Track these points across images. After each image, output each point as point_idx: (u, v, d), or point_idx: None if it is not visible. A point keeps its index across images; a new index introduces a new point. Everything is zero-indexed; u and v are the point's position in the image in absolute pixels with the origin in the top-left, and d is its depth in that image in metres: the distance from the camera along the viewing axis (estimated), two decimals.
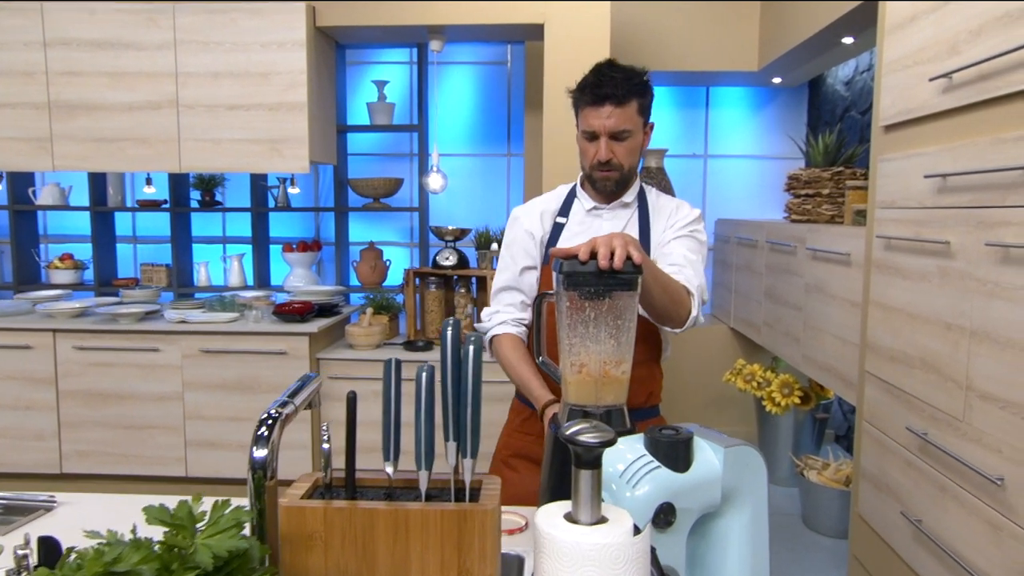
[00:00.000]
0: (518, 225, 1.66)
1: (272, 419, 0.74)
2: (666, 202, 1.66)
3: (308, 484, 0.85)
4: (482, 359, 0.74)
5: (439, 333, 3.52)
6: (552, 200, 1.69)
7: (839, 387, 2.61)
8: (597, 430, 0.70)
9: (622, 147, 1.54)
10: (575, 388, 1.16)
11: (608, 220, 1.62)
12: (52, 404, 3.21)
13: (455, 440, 0.73)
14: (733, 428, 4.27)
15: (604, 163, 1.53)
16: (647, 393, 1.59)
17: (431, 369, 0.74)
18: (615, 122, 1.51)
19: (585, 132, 1.55)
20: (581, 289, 1.11)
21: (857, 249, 2.43)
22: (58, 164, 3.23)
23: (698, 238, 1.60)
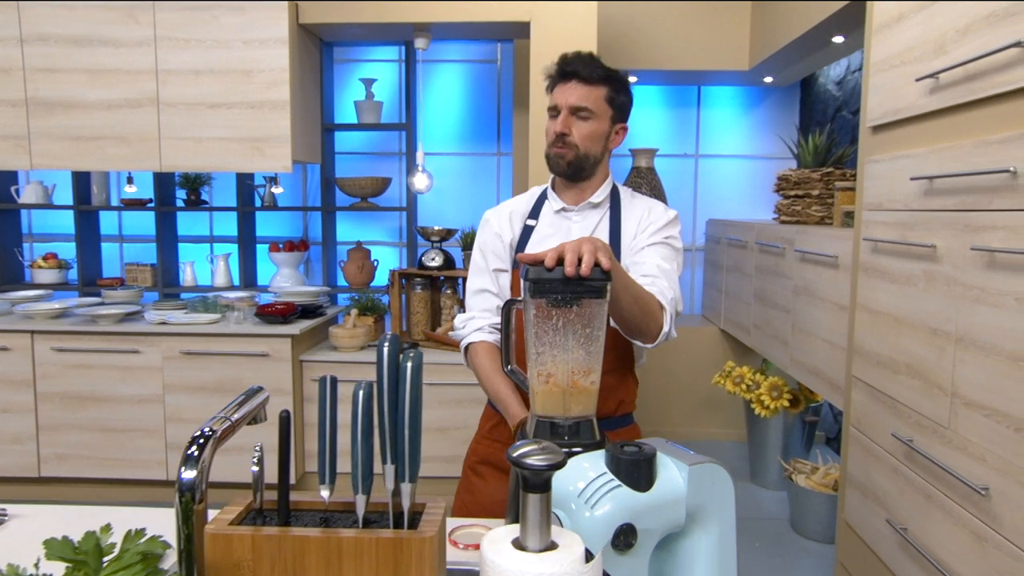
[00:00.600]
0: (488, 227, 1.61)
1: (205, 437, 0.69)
2: (639, 203, 1.61)
3: (240, 508, 0.80)
4: (421, 378, 0.70)
5: (424, 335, 3.49)
6: (523, 202, 1.65)
7: (827, 391, 2.57)
8: (546, 452, 0.66)
9: (582, 126, 1.50)
10: (542, 399, 1.12)
11: (577, 222, 1.57)
12: (30, 406, 3.16)
13: (393, 463, 0.69)
14: (722, 430, 4.24)
15: (559, 136, 1.48)
16: (617, 402, 1.54)
17: (368, 387, 0.70)
18: (577, 97, 1.48)
19: (550, 110, 1.52)
20: (547, 296, 1.07)
21: (845, 251, 2.39)
22: (36, 163, 3.17)
23: (673, 245, 1.54)
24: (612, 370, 1.51)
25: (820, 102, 4.19)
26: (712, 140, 4.59)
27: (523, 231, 1.59)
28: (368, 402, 0.70)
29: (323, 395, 0.72)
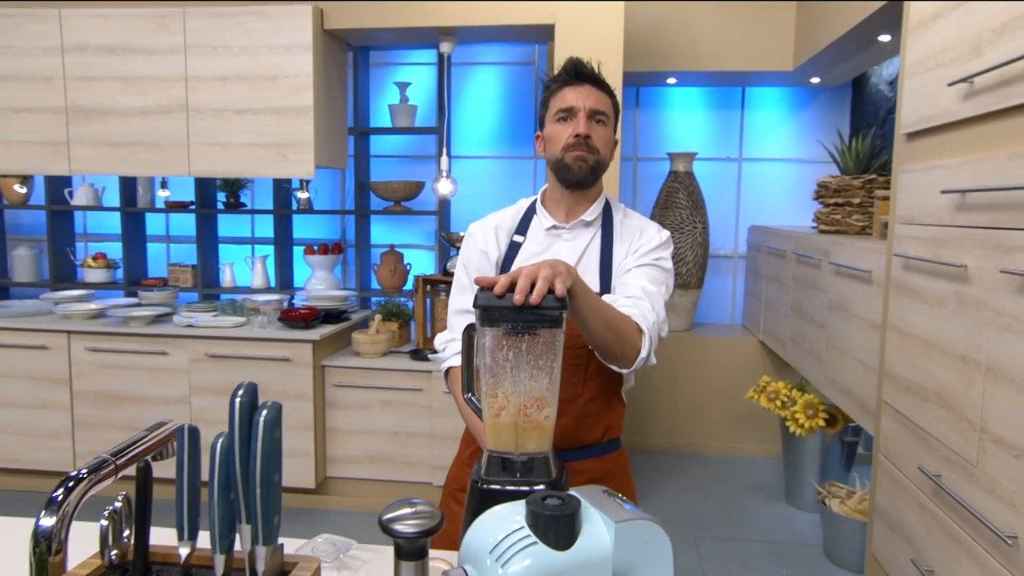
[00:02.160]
0: (473, 243, 1.54)
1: (76, 480, 0.66)
2: (633, 223, 1.52)
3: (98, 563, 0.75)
4: (276, 433, 0.64)
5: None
6: (509, 216, 1.57)
7: (858, 414, 2.42)
8: (418, 517, 0.59)
9: (600, 131, 1.43)
10: (493, 433, 1.05)
11: (568, 240, 1.49)
12: (66, 404, 3.26)
13: (248, 523, 0.64)
14: (759, 446, 4.07)
15: (581, 139, 1.40)
16: (604, 427, 1.46)
17: (229, 439, 0.65)
18: (595, 100, 1.41)
19: (560, 112, 1.42)
20: (497, 325, 1.01)
21: (878, 267, 2.24)
22: (74, 168, 3.27)
23: (662, 266, 1.45)
24: (598, 396, 1.44)
25: (872, 103, 3.97)
26: (757, 143, 4.41)
27: (509, 248, 1.52)
28: (228, 455, 0.65)
29: (180, 445, 0.67)
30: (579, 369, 1.42)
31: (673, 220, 4.09)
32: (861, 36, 3.03)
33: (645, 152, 4.47)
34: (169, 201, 4.05)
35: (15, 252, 4.18)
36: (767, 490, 3.60)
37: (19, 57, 3.23)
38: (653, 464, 3.94)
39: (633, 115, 4.45)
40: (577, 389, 1.42)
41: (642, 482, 3.69)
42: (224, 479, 0.64)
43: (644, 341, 1.27)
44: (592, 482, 1.45)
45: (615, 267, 1.45)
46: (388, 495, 3.24)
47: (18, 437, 3.31)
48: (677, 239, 4.09)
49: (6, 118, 3.28)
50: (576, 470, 1.43)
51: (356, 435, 3.21)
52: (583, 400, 1.43)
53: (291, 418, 3.13)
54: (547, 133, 1.46)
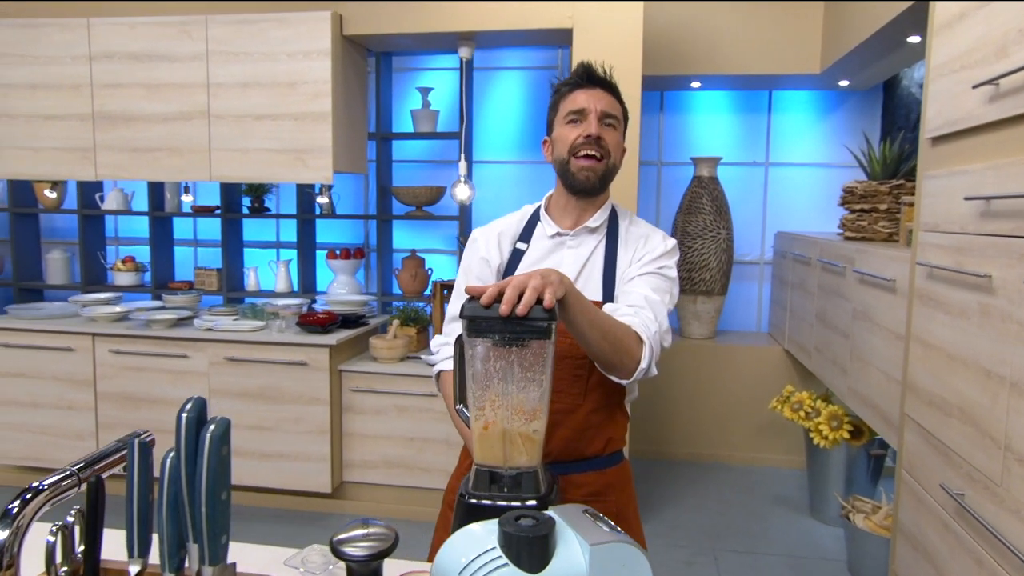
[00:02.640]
0: (475, 249, 1.52)
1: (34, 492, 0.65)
2: (638, 231, 1.48)
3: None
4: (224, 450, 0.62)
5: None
6: (513, 222, 1.54)
7: (881, 427, 2.34)
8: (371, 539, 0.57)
9: (611, 135, 1.40)
10: (481, 446, 1.03)
11: (572, 247, 1.46)
12: (91, 405, 3.32)
13: (195, 542, 0.62)
14: (784, 457, 3.98)
15: (593, 141, 1.37)
16: (605, 440, 1.42)
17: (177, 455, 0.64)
18: (607, 104, 1.39)
19: (570, 114, 1.39)
20: (484, 336, 0.98)
21: (902, 275, 2.17)
22: (100, 173, 3.34)
23: (666, 275, 1.41)
24: (599, 408, 1.40)
25: (903, 107, 3.86)
26: (784, 147, 4.32)
27: (512, 255, 1.49)
28: (176, 471, 0.64)
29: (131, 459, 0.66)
30: (580, 380, 1.39)
31: (696, 226, 4.03)
32: (889, 37, 2.94)
33: (669, 157, 4.42)
34: (195, 206, 4.11)
35: (49, 255, 4.28)
36: (790, 503, 3.51)
37: (49, 66, 3.30)
38: (674, 474, 3.87)
39: (657, 119, 4.40)
40: (578, 400, 1.39)
41: (662, 492, 3.63)
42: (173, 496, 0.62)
43: (644, 351, 1.24)
44: (592, 495, 1.42)
45: (619, 275, 1.42)
46: (404, 501, 3.23)
47: (44, 437, 3.38)
48: (700, 245, 4.02)
49: (36, 125, 3.36)
50: (576, 483, 1.40)
51: (372, 440, 3.21)
52: (584, 411, 1.39)
53: (307, 422, 3.14)
54: (555, 136, 1.44)
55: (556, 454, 1.39)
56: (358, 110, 3.43)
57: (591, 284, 1.42)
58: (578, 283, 1.43)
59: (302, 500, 3.28)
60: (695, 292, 4.07)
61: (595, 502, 1.40)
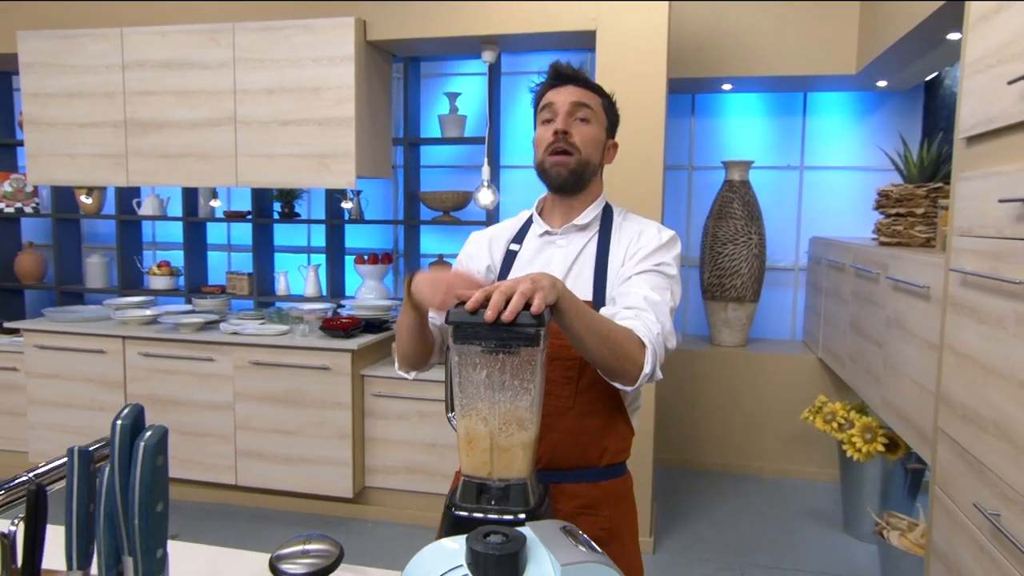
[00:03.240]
0: (465, 251, 1.52)
1: None
2: (631, 226, 1.43)
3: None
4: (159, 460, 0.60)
5: None
6: (509, 226, 1.53)
7: (915, 441, 2.23)
8: (310, 556, 0.54)
9: (582, 129, 1.37)
10: (467, 457, 0.99)
11: (562, 246, 1.42)
12: (121, 406, 3.36)
13: (130, 555, 0.60)
14: (819, 469, 3.85)
15: (561, 136, 1.35)
16: (601, 449, 1.37)
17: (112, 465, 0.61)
18: (577, 95, 1.36)
19: (543, 112, 1.38)
20: (469, 343, 0.95)
21: (936, 282, 2.07)
22: (132, 179, 3.40)
23: (665, 272, 1.34)
24: (592, 413, 1.35)
25: (945, 107, 3.72)
26: (819, 151, 4.20)
27: (506, 256, 1.47)
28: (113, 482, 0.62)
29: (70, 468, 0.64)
30: (570, 382, 1.34)
31: (727, 231, 3.94)
32: (928, 35, 2.83)
33: (700, 161, 4.33)
34: (227, 211, 4.17)
35: (89, 259, 4.39)
36: (823, 517, 3.39)
37: (84, 75, 3.39)
38: (702, 485, 3.78)
39: (688, 123, 4.32)
40: (567, 403, 1.34)
41: (690, 503, 3.54)
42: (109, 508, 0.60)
43: (647, 355, 1.18)
44: (583, 508, 1.37)
45: (611, 274, 1.37)
46: (425, 507, 3.21)
47: (77, 437, 3.45)
48: (731, 251, 3.93)
49: (73, 133, 3.44)
50: (567, 493, 1.35)
51: (395, 445, 3.20)
52: (574, 415, 1.34)
53: (330, 427, 3.14)
54: (535, 138, 1.42)
55: (546, 460, 1.35)
56: (382, 115, 3.44)
57: (581, 283, 1.39)
58: (567, 282, 1.39)
59: (324, 504, 3.29)
60: (726, 299, 3.98)
61: (586, 515, 1.35)
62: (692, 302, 4.41)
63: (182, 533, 3.07)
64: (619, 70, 2.87)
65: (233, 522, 3.23)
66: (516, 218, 1.54)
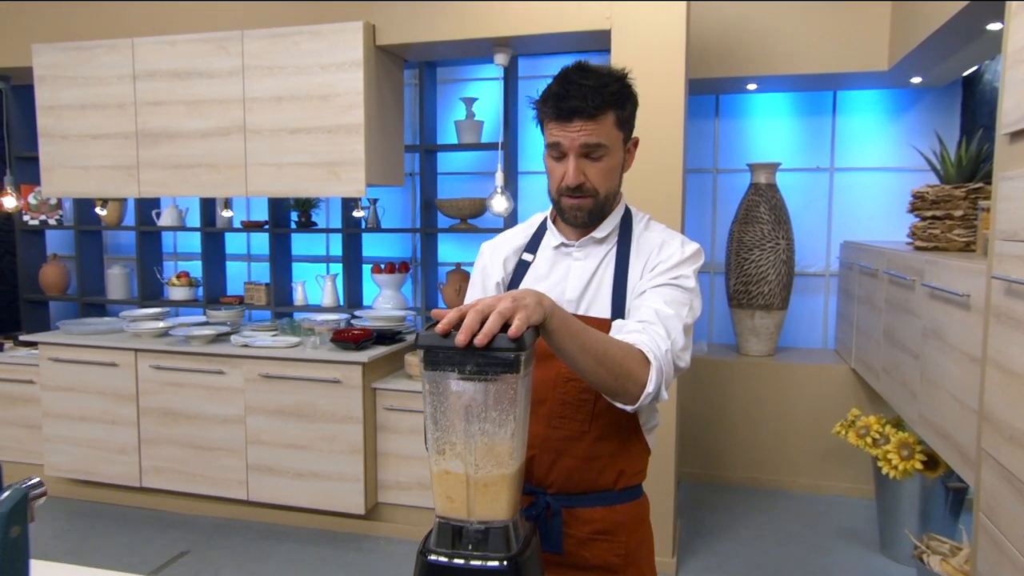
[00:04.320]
0: (479, 263, 1.42)
1: None
2: (652, 237, 1.33)
3: None
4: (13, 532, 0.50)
5: None
6: (520, 233, 1.41)
7: (956, 462, 2.08)
8: None
9: (596, 168, 1.25)
10: (441, 495, 0.89)
11: (579, 259, 1.32)
12: (134, 420, 3.34)
13: None
14: (853, 485, 3.67)
15: (574, 188, 1.24)
16: (617, 472, 1.27)
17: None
18: (587, 136, 1.21)
19: (551, 148, 1.25)
20: (442, 368, 0.85)
21: (977, 290, 1.91)
22: (143, 191, 3.38)
23: (682, 285, 1.24)
24: (608, 436, 1.26)
25: (985, 104, 3.53)
26: (850, 151, 4.03)
27: (517, 267, 1.37)
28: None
29: None
30: (585, 405, 1.24)
31: (753, 236, 3.79)
32: (965, 26, 2.67)
33: (725, 164, 4.19)
34: (245, 221, 4.14)
35: (110, 271, 4.40)
36: (858, 536, 3.22)
37: (96, 86, 3.37)
38: (729, 500, 3.62)
39: (712, 125, 4.18)
40: (583, 427, 1.25)
41: (716, 520, 3.39)
42: None
43: (651, 373, 1.08)
44: (599, 533, 1.27)
45: (630, 288, 1.27)
46: None
47: (91, 451, 3.43)
48: (758, 256, 3.77)
49: (85, 144, 3.43)
50: (582, 519, 1.27)
51: (407, 460, 3.12)
52: (590, 439, 1.25)
53: (341, 441, 3.06)
54: (545, 161, 1.29)
55: (560, 485, 1.27)
56: (393, 121, 3.36)
57: (599, 299, 1.29)
58: (584, 298, 1.29)
59: (336, 521, 3.21)
60: (753, 306, 3.83)
61: (601, 541, 1.28)
62: (718, 310, 4.26)
63: (193, 549, 3.00)
64: (636, 71, 2.69)
65: (244, 538, 3.16)
66: (528, 223, 1.43)
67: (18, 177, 4.11)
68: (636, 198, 2.67)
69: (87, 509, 3.49)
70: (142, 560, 2.95)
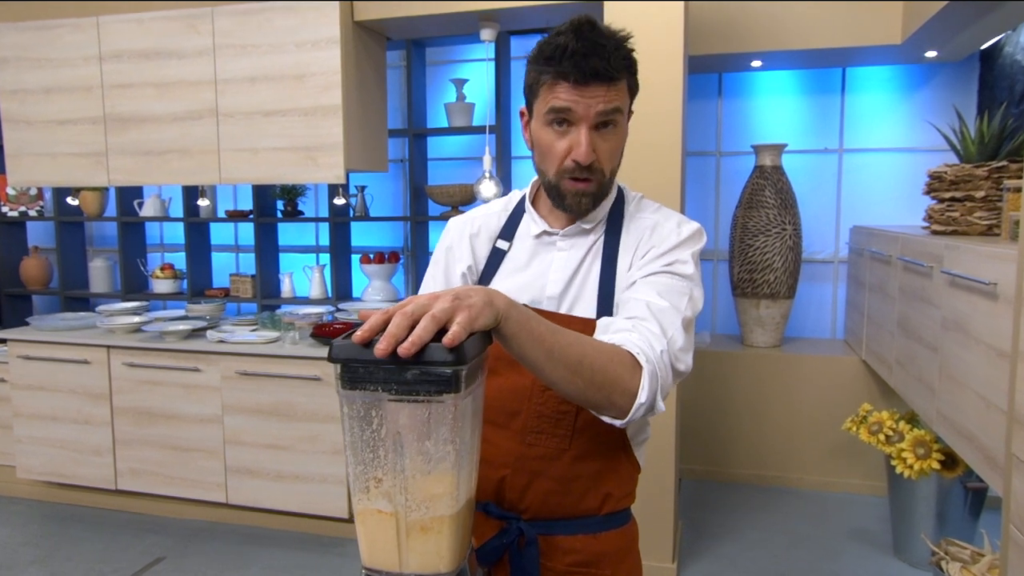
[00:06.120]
0: (443, 243, 1.22)
1: None
2: (644, 219, 1.13)
3: None
4: None
5: None
6: (494, 214, 1.20)
7: (980, 465, 1.90)
8: None
9: (607, 144, 1.05)
10: (367, 540, 0.72)
11: (564, 250, 1.13)
12: (107, 420, 3.19)
13: None
14: (864, 482, 3.50)
15: (584, 167, 1.04)
16: (602, 496, 1.10)
17: None
18: (605, 103, 1.01)
19: (554, 114, 1.02)
20: (361, 388, 0.68)
21: (1006, 278, 1.73)
22: (112, 179, 3.21)
23: (680, 272, 1.05)
24: (591, 455, 1.09)
25: (1005, 78, 3.33)
26: (860, 131, 3.83)
27: (491, 255, 1.18)
28: None
29: None
30: (565, 418, 1.07)
31: (758, 221, 3.60)
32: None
33: (729, 146, 3.99)
34: (229, 211, 3.97)
35: (92, 263, 4.24)
36: (870, 538, 3.05)
37: (62, 68, 3.20)
38: (734, 499, 3.46)
39: (714, 105, 3.98)
40: (563, 444, 1.08)
41: (719, 521, 3.22)
42: None
43: (642, 380, 0.90)
44: (580, 565, 1.09)
45: (619, 280, 1.08)
46: None
47: (65, 452, 3.28)
48: (763, 243, 3.59)
49: (52, 131, 3.26)
50: (560, 548, 1.10)
51: None
52: (570, 458, 1.08)
53: (323, 442, 2.91)
54: (536, 133, 1.08)
55: (536, 509, 1.10)
56: (375, 103, 3.18)
57: (585, 297, 1.10)
58: (567, 295, 1.11)
59: (319, 524, 3.05)
60: (758, 295, 3.64)
61: (582, 573, 1.10)
62: (721, 299, 4.08)
63: (169, 555, 2.85)
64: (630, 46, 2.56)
65: (224, 543, 3.01)
66: (503, 202, 1.23)
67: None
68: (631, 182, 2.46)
69: (61, 512, 3.34)
70: (114, 569, 2.81)
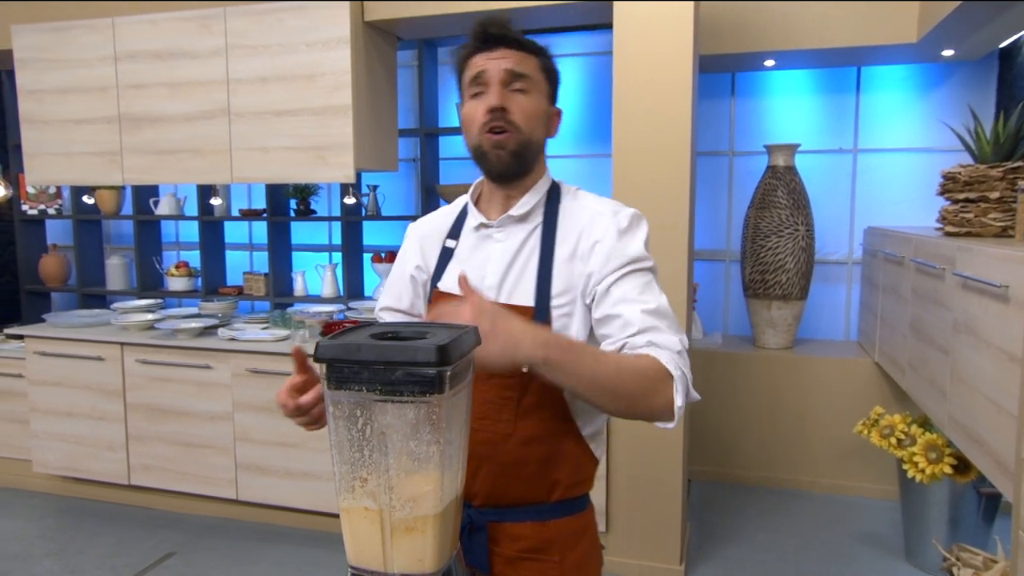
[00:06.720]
0: (402, 247, 1.31)
1: None
2: (581, 210, 1.17)
3: None
4: None
5: None
6: (444, 216, 1.28)
7: (991, 470, 1.87)
8: None
9: (519, 101, 1.11)
10: (352, 539, 0.73)
11: (500, 241, 1.18)
12: (121, 416, 3.23)
13: None
14: (877, 486, 3.46)
15: (497, 113, 1.09)
16: (550, 483, 1.12)
17: None
18: (512, 64, 1.11)
19: (472, 83, 1.12)
20: (347, 388, 0.68)
21: (1018, 280, 1.71)
22: (127, 178, 3.24)
23: (642, 266, 1.10)
24: (537, 439, 1.10)
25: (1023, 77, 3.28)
26: (875, 131, 3.79)
27: (441, 255, 1.23)
28: None
29: None
30: (508, 404, 1.10)
31: (770, 222, 3.57)
32: None
33: (742, 146, 3.97)
34: (243, 209, 4.00)
35: (109, 261, 4.29)
36: (882, 542, 3.02)
37: (78, 69, 3.24)
38: (742, 502, 3.44)
39: (727, 104, 3.96)
40: (506, 429, 1.10)
41: (728, 523, 3.20)
42: None
43: (675, 387, 0.98)
44: (528, 552, 1.11)
45: (556, 272, 1.12)
46: None
47: (80, 447, 3.33)
48: (775, 243, 3.56)
49: (67, 130, 3.31)
50: (509, 534, 1.12)
51: None
52: (514, 443, 1.10)
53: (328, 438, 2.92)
54: (463, 114, 1.17)
55: (484, 496, 1.13)
56: (385, 103, 3.19)
57: (522, 285, 1.14)
58: (505, 284, 1.15)
59: (329, 521, 3.07)
60: (770, 296, 3.62)
61: (530, 561, 1.12)
62: (733, 300, 4.05)
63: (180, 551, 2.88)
64: (640, 46, 2.56)
65: (234, 539, 3.04)
66: (452, 206, 1.30)
67: (17, 166, 4.00)
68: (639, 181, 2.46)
69: (76, 506, 3.39)
70: (126, 563, 2.84)
